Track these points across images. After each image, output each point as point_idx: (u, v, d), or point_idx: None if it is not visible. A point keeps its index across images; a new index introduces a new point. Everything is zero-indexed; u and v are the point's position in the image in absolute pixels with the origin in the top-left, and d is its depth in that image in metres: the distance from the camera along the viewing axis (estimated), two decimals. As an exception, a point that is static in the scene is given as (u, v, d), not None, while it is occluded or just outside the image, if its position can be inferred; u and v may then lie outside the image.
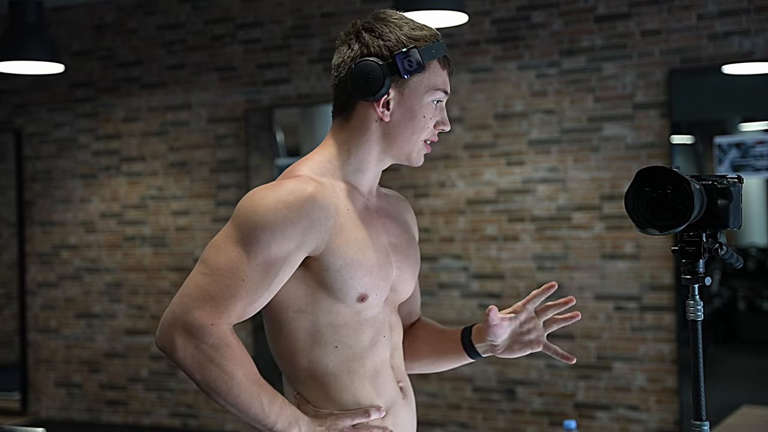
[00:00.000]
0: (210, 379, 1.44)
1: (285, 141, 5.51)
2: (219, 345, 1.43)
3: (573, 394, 4.70)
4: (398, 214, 1.74)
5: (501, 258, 4.84)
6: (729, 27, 4.40)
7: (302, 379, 1.59)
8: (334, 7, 5.26)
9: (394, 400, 1.63)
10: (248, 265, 1.45)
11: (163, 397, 5.74)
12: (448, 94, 1.62)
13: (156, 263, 5.76)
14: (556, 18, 4.74)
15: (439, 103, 1.61)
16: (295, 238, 1.47)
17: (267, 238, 1.45)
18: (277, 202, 1.47)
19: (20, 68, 4.17)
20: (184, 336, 1.44)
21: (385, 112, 1.57)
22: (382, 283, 1.58)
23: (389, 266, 1.61)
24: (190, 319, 1.44)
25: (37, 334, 6.16)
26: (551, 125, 4.74)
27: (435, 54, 1.57)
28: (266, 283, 1.46)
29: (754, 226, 4.73)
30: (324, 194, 1.51)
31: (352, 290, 1.53)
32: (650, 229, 1.58)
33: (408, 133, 1.59)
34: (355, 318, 1.56)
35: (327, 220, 1.50)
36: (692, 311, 1.63)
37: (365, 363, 1.59)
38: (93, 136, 5.99)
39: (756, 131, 4.48)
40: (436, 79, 1.59)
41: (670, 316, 4.49)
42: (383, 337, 1.62)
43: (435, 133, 1.62)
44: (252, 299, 1.46)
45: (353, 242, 1.54)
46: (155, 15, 5.78)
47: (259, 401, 1.46)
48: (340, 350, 1.56)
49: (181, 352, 1.44)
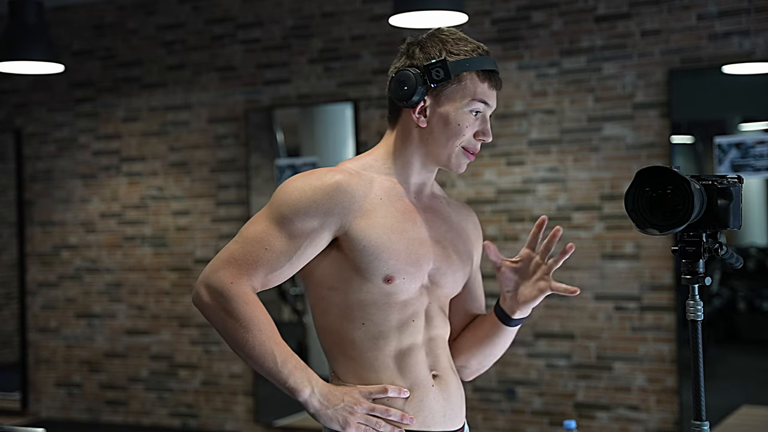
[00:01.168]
0: (228, 331, 1.62)
1: (285, 141, 5.51)
2: (237, 301, 1.60)
3: (573, 394, 4.70)
4: (455, 219, 1.84)
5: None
6: (729, 27, 4.40)
7: (335, 354, 1.71)
8: (334, 7, 5.26)
9: (422, 385, 1.70)
10: (273, 236, 1.63)
11: (163, 397, 5.74)
12: (489, 106, 1.72)
13: (156, 263, 5.76)
14: (556, 18, 4.75)
15: (479, 114, 1.71)
16: (318, 217, 1.63)
17: (291, 215, 1.63)
18: (304, 185, 1.65)
19: (20, 68, 4.17)
20: (208, 291, 1.63)
21: (422, 118, 1.71)
22: (410, 269, 1.68)
23: (423, 256, 1.71)
24: (214, 277, 1.63)
25: (37, 334, 6.16)
26: (551, 125, 4.74)
27: (469, 66, 1.68)
28: (288, 254, 1.63)
29: (754, 226, 4.73)
30: (351, 182, 1.67)
31: (378, 270, 1.65)
32: (650, 229, 1.58)
33: (443, 139, 1.71)
34: (385, 299, 1.67)
35: (351, 204, 1.65)
36: (692, 311, 1.63)
37: (391, 343, 1.68)
38: (93, 136, 5.99)
39: (756, 131, 4.48)
40: (473, 90, 1.70)
41: (670, 316, 4.49)
42: (412, 322, 1.70)
43: (475, 143, 1.73)
44: (273, 267, 1.63)
45: (379, 226, 1.66)
46: (155, 15, 5.78)
47: (272, 357, 1.60)
48: (367, 327, 1.68)
49: (204, 305, 1.64)
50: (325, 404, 1.62)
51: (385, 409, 1.65)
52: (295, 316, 5.63)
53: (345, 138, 5.29)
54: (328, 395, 1.63)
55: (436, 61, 1.68)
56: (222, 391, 5.56)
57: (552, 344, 4.73)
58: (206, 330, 5.59)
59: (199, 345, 5.62)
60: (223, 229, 5.56)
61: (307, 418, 5.27)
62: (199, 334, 5.62)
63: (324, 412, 1.62)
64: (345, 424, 1.62)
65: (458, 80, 1.69)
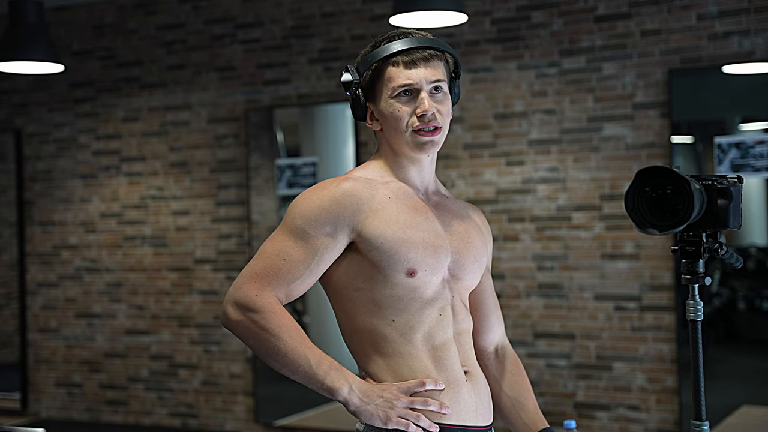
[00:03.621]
0: (259, 343, 1.66)
1: (285, 141, 5.51)
2: (264, 312, 1.65)
3: (573, 394, 4.70)
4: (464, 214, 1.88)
5: (501, 258, 4.84)
6: (729, 27, 4.40)
7: (367, 354, 1.73)
8: (334, 7, 5.26)
9: (455, 379, 1.72)
10: (289, 248, 1.69)
11: (163, 397, 5.74)
12: (410, 84, 1.74)
13: (156, 263, 5.76)
14: (556, 18, 4.74)
15: (408, 95, 1.75)
16: (329, 223, 1.69)
17: (304, 224, 1.69)
18: (313, 196, 1.72)
19: (20, 68, 4.17)
20: (234, 308, 1.68)
21: (375, 123, 1.80)
22: (431, 261, 1.71)
23: (441, 248, 1.74)
24: (239, 294, 1.68)
25: (37, 334, 6.16)
26: (551, 125, 4.74)
27: (371, 59, 1.75)
28: (306, 262, 1.68)
29: (754, 226, 4.72)
30: (357, 186, 1.72)
31: (399, 265, 1.69)
32: (650, 229, 1.58)
33: (392, 131, 1.76)
34: (411, 294, 1.71)
35: (359, 206, 1.70)
36: (692, 311, 1.63)
37: (423, 338, 1.71)
38: (93, 136, 5.99)
39: (756, 131, 4.48)
40: (387, 77, 1.75)
41: (670, 316, 4.49)
42: (439, 316, 1.73)
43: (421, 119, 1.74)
44: (293, 277, 1.68)
45: (393, 223, 1.71)
46: (155, 15, 5.78)
47: (306, 361, 1.64)
48: (397, 323, 1.70)
49: (233, 322, 1.68)
50: (365, 401, 1.63)
51: (424, 400, 1.66)
52: (295, 316, 5.63)
53: (345, 138, 5.29)
54: (367, 391, 1.64)
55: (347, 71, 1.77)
56: (222, 391, 5.56)
57: (552, 344, 4.73)
58: (206, 330, 5.59)
59: (199, 345, 5.62)
60: (223, 229, 5.56)
61: (307, 418, 5.27)
62: (199, 334, 5.62)
63: (364, 408, 1.63)
64: (386, 419, 1.63)
65: (376, 75, 1.76)
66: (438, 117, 1.74)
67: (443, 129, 1.76)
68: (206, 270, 5.59)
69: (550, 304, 4.73)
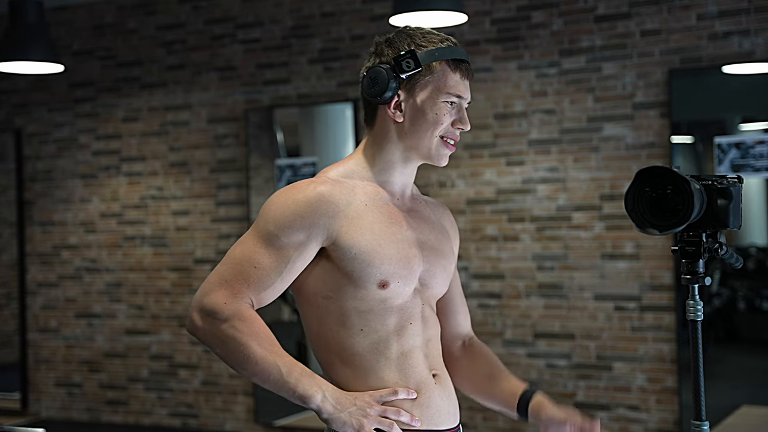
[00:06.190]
0: (228, 352, 1.62)
1: (285, 141, 5.51)
2: (233, 320, 1.60)
3: (573, 394, 4.70)
4: (435, 218, 1.83)
5: (501, 258, 4.84)
6: (729, 27, 4.40)
7: (332, 362, 1.69)
8: (334, 7, 5.26)
9: (425, 384, 1.70)
10: (260, 254, 1.62)
11: (163, 397, 5.74)
12: (463, 97, 1.71)
13: (156, 263, 5.76)
14: (556, 18, 4.74)
15: (454, 104, 1.71)
16: (303, 230, 1.62)
17: (277, 230, 1.62)
18: (287, 200, 1.65)
19: (20, 68, 4.17)
20: (201, 315, 1.63)
21: (397, 113, 1.70)
22: (403, 272, 1.68)
23: (414, 258, 1.70)
24: (207, 300, 1.63)
25: (37, 334, 6.16)
26: (551, 125, 4.74)
27: (438, 56, 1.68)
28: (278, 270, 1.62)
29: (754, 226, 4.72)
30: (334, 191, 1.66)
31: (372, 277, 1.64)
32: (650, 229, 1.58)
33: (422, 131, 1.70)
34: (381, 305, 1.67)
35: (336, 213, 1.64)
36: (692, 311, 1.63)
37: (391, 347, 1.68)
38: (93, 136, 5.99)
39: (756, 131, 4.48)
40: (445, 80, 1.69)
41: (670, 316, 4.49)
42: (410, 324, 1.70)
43: (454, 132, 1.72)
44: (264, 285, 1.62)
45: (368, 233, 1.65)
46: (155, 15, 5.78)
47: (276, 369, 1.59)
48: (366, 333, 1.67)
49: (200, 330, 1.65)
50: (338, 408, 1.60)
51: (397, 410, 1.64)
52: (295, 316, 5.62)
53: (345, 138, 5.29)
54: (340, 399, 1.60)
55: (405, 52, 1.68)
56: (222, 391, 5.56)
57: (552, 344, 4.73)
58: (206, 330, 5.59)
59: (199, 345, 5.62)
60: (223, 229, 5.56)
61: (306, 418, 5.27)
62: (199, 334, 5.62)
63: (338, 416, 1.59)
64: (360, 427, 1.59)
65: (430, 71, 1.69)
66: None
67: None
68: (206, 270, 5.58)
69: (550, 304, 4.73)
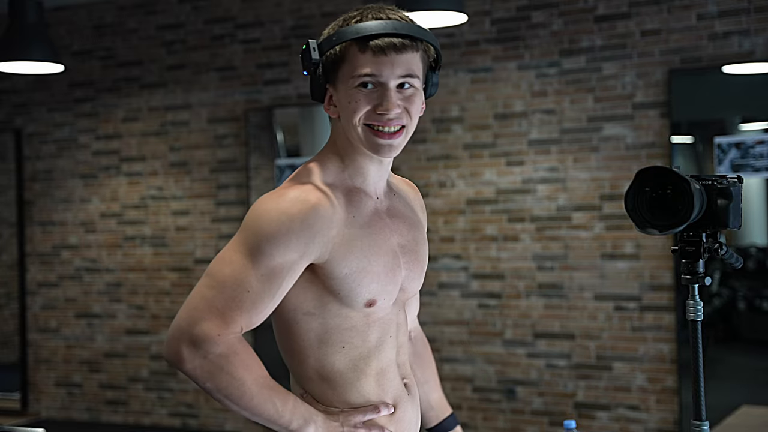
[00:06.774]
0: (221, 387, 1.51)
1: (285, 141, 5.51)
2: (227, 354, 1.48)
3: (573, 394, 4.70)
4: (409, 211, 1.73)
5: (501, 258, 4.84)
6: (729, 27, 4.40)
7: (310, 377, 1.62)
8: (334, 7, 5.26)
9: (399, 396, 1.66)
10: (253, 276, 1.48)
11: (163, 397, 5.74)
12: (377, 75, 1.53)
13: (156, 263, 5.76)
14: (556, 18, 4.74)
15: (374, 87, 1.54)
16: (298, 249, 1.49)
17: (270, 249, 1.48)
18: (280, 214, 1.49)
19: (20, 68, 4.17)
20: (191, 348, 1.50)
21: (332, 108, 1.60)
22: (390, 287, 1.60)
23: (398, 269, 1.63)
24: (197, 331, 1.49)
25: (37, 334, 6.16)
26: (551, 125, 4.74)
27: (337, 39, 1.53)
28: (271, 293, 1.50)
29: (754, 226, 4.72)
30: (327, 204, 1.52)
31: (360, 297, 1.56)
32: (650, 229, 1.57)
33: (348, 123, 1.56)
34: (364, 321, 1.60)
35: (329, 230, 1.52)
36: (692, 311, 1.63)
37: (371, 362, 1.62)
38: (93, 136, 5.99)
39: (756, 131, 4.48)
40: (355, 63, 1.53)
41: (670, 316, 4.49)
42: (389, 337, 1.64)
43: (380, 117, 1.54)
44: (257, 310, 1.49)
45: (358, 251, 1.55)
46: (155, 15, 5.78)
47: (272, 403, 1.52)
48: (347, 350, 1.60)
49: (189, 363, 1.51)
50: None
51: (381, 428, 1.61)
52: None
53: (345, 138, 5.28)
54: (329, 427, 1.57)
55: (305, 47, 1.55)
56: (222, 391, 5.56)
57: (552, 344, 4.73)
58: (206, 330, 5.59)
59: (199, 345, 5.61)
60: (223, 229, 5.56)
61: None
62: (199, 334, 5.62)
63: None
64: None
65: (341, 57, 1.54)
66: (404, 116, 1.55)
67: (407, 130, 1.57)
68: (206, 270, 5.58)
69: (550, 304, 4.73)
